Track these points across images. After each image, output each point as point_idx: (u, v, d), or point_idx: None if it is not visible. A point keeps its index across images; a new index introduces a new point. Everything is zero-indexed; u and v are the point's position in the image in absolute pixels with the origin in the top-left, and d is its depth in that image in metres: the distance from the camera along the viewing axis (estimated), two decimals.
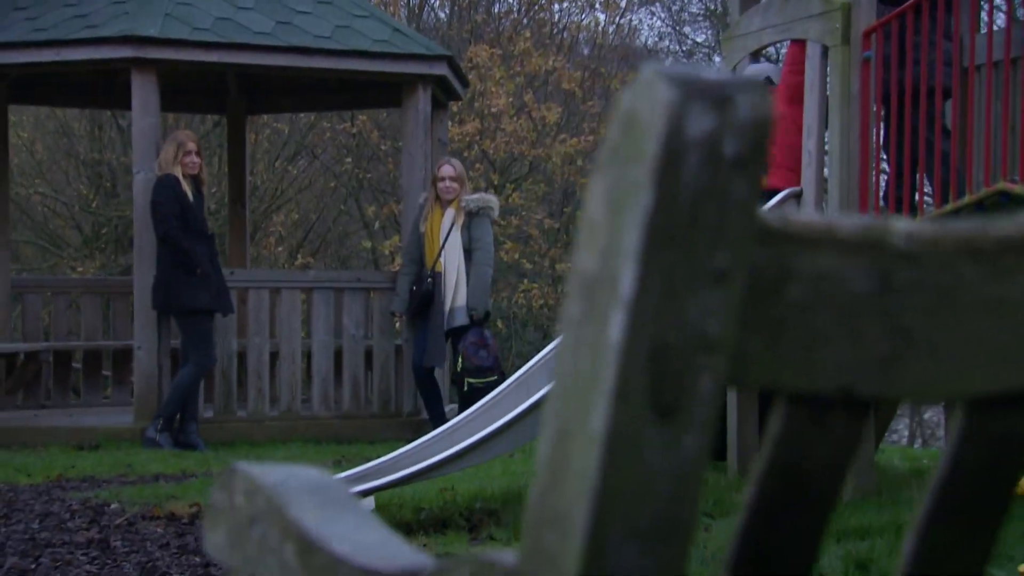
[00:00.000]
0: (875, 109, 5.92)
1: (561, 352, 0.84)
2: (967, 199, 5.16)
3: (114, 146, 18.30)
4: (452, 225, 8.28)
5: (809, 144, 6.00)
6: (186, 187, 8.04)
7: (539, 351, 6.85)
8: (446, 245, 8.26)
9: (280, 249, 19.36)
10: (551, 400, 0.85)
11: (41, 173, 18.71)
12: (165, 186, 7.98)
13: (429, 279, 8.25)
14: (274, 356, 8.94)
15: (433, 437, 5.97)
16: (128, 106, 9.11)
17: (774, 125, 0.80)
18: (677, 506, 0.81)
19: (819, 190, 5.98)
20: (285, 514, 1.07)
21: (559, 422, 0.84)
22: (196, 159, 8.13)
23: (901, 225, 0.84)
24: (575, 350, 0.83)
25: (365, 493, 5.22)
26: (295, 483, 1.11)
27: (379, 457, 5.90)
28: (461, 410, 7.56)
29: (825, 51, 5.87)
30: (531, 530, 0.85)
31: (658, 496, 0.81)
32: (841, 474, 0.86)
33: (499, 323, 18.32)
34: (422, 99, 9.00)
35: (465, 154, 18.07)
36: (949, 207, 5.30)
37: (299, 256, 19.51)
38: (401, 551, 1.02)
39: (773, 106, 0.80)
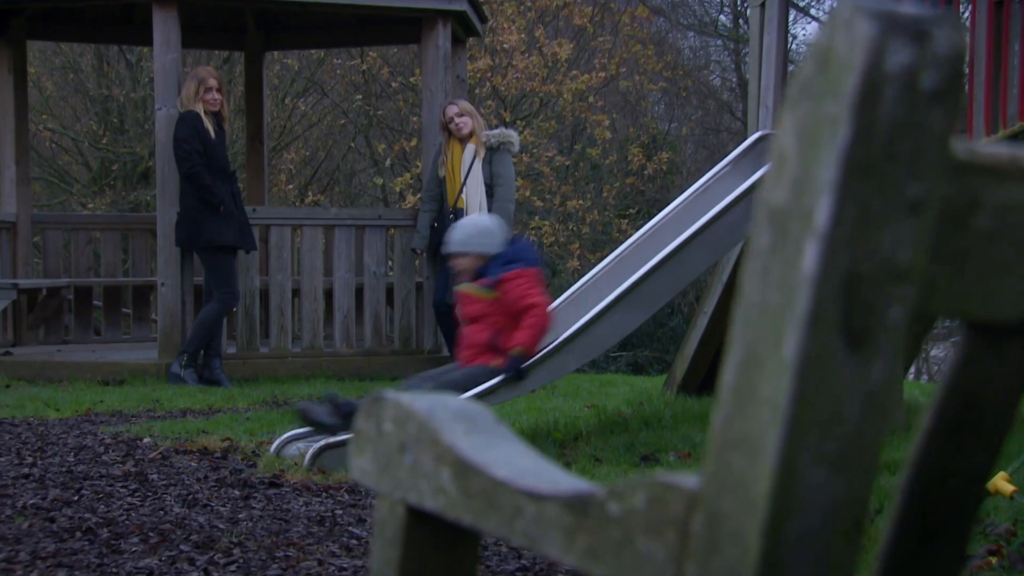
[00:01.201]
0: None
1: (747, 281, 0.86)
2: (1000, 133, 5.15)
3: (122, 81, 18.19)
4: (474, 159, 8.25)
5: None
6: (208, 124, 8.02)
7: (552, 289, 6.85)
8: (468, 181, 8.25)
9: (291, 187, 19.31)
10: (735, 328, 0.87)
11: (49, 109, 18.63)
12: (187, 123, 7.96)
13: (452, 215, 8.24)
14: (296, 293, 8.97)
15: None
16: (145, 42, 9.05)
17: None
18: (865, 431, 0.84)
19: None
20: (439, 440, 1.09)
21: (746, 349, 0.86)
22: (217, 95, 8.10)
23: None
24: (764, 279, 0.85)
25: None
26: (445, 410, 1.13)
27: None
28: None
29: None
30: (716, 454, 0.87)
31: (847, 421, 0.83)
32: (1016, 400, 0.88)
33: None
34: (442, 35, 8.95)
35: (477, 91, 17.97)
36: (984, 142, 5.30)
37: (309, 193, 19.46)
38: (560, 475, 1.04)
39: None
